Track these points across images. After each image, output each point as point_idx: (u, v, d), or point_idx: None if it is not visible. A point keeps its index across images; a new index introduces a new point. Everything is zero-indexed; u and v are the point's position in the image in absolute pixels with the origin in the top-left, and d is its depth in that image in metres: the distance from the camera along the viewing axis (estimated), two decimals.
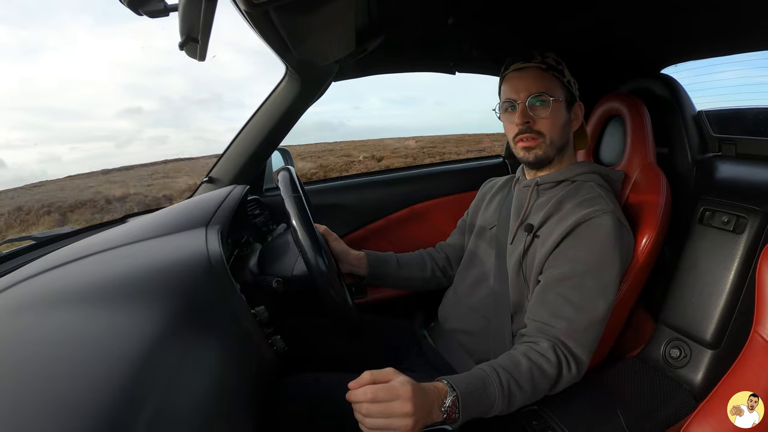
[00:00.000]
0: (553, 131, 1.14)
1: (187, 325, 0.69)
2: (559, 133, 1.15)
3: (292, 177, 1.12)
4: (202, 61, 0.90)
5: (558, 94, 1.13)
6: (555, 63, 1.14)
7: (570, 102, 1.17)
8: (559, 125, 1.15)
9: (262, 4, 0.67)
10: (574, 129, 1.20)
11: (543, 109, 1.12)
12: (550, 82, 1.13)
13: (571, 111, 1.18)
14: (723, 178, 1.29)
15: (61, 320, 0.65)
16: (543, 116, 1.13)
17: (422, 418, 0.81)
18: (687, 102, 1.46)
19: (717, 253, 1.18)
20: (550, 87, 1.13)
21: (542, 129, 1.14)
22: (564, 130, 1.16)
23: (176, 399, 0.57)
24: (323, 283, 0.99)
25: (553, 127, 1.14)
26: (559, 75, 1.14)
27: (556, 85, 1.13)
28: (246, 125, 1.56)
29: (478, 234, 1.34)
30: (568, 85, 1.15)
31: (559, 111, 1.14)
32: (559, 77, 1.14)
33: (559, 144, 1.16)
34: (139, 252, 0.87)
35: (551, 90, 1.13)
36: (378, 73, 1.75)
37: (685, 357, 1.20)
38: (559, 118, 1.14)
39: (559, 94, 1.13)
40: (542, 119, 1.13)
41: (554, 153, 1.17)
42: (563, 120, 1.15)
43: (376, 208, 1.90)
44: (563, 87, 1.15)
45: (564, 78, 1.14)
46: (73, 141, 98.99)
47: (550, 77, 1.13)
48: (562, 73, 1.15)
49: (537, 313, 1.04)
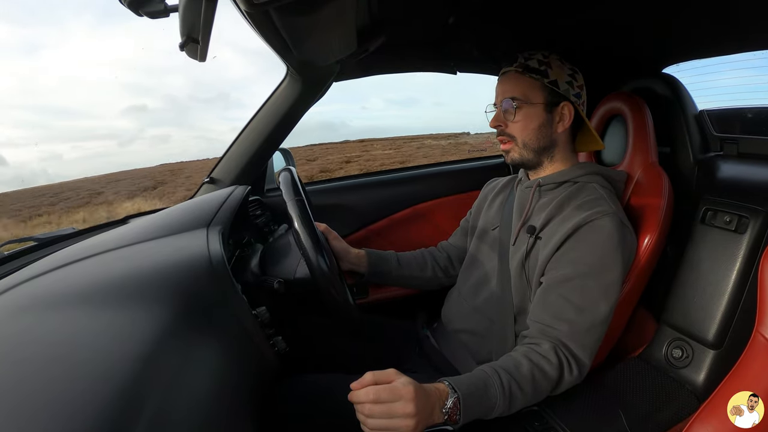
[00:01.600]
0: (524, 134, 1.15)
1: (188, 326, 0.69)
2: (533, 135, 1.15)
3: (294, 178, 1.12)
4: (202, 62, 0.90)
5: (533, 97, 1.13)
6: (537, 65, 1.13)
7: (552, 103, 1.15)
8: (532, 128, 1.15)
9: (263, 4, 0.67)
10: (560, 130, 1.17)
11: (512, 113, 1.15)
12: (526, 85, 1.14)
13: (554, 112, 1.16)
14: (725, 177, 1.29)
15: (63, 321, 0.65)
16: (512, 120, 1.16)
17: (424, 419, 0.81)
18: (689, 101, 1.46)
19: (719, 253, 1.18)
20: (524, 90, 1.14)
21: (513, 132, 1.17)
22: (541, 132, 1.16)
23: (177, 400, 0.57)
24: (325, 284, 0.99)
25: (525, 130, 1.15)
26: (538, 77, 1.13)
27: (531, 88, 1.14)
28: (247, 126, 1.56)
29: (481, 235, 1.34)
30: (551, 85, 1.14)
31: (531, 114, 1.14)
32: (538, 79, 1.13)
33: (535, 146, 1.17)
34: (141, 253, 0.87)
35: (525, 93, 1.14)
36: (379, 73, 1.75)
37: (687, 357, 1.19)
38: (531, 120, 1.15)
39: (534, 97, 1.13)
40: (513, 123, 1.16)
41: (533, 155, 1.18)
42: (538, 122, 1.15)
43: (378, 209, 1.90)
44: (542, 88, 1.14)
45: (546, 79, 1.13)
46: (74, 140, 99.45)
47: (525, 80, 1.14)
48: (545, 74, 1.13)
49: (539, 314, 1.04)
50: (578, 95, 1.17)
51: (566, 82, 1.15)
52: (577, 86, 1.17)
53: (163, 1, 0.69)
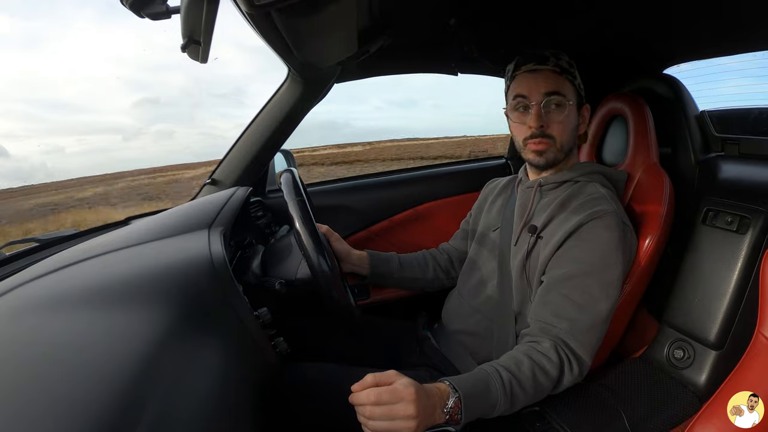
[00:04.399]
0: (564, 135, 1.14)
1: (189, 327, 0.69)
2: (569, 136, 1.15)
3: (295, 179, 1.12)
4: (204, 63, 0.91)
5: (570, 97, 1.13)
6: (568, 66, 1.14)
7: (579, 105, 1.17)
8: (570, 129, 1.15)
9: (264, 5, 0.68)
10: (581, 132, 1.20)
11: (558, 113, 1.12)
12: (564, 85, 1.12)
13: (580, 114, 1.18)
14: (726, 178, 1.29)
15: (65, 323, 0.65)
16: (557, 120, 1.12)
17: (425, 420, 0.81)
18: (690, 102, 1.46)
19: (720, 253, 1.18)
20: (564, 89, 1.12)
21: (554, 132, 1.13)
22: (574, 133, 1.17)
23: (178, 401, 0.57)
24: (326, 285, 0.99)
25: (565, 130, 1.14)
26: (571, 78, 1.14)
27: (569, 89, 1.13)
28: (248, 127, 1.56)
29: (482, 236, 1.34)
30: (579, 88, 1.15)
31: (570, 115, 1.13)
32: (572, 80, 1.14)
33: (567, 147, 1.16)
34: (142, 254, 0.87)
35: (566, 93, 1.12)
36: (380, 75, 1.75)
37: (689, 358, 1.19)
38: (571, 121, 1.14)
39: (571, 97, 1.13)
40: (556, 123, 1.12)
41: (563, 156, 1.17)
42: (574, 123, 1.15)
43: (379, 210, 1.90)
44: (575, 90, 1.14)
45: (576, 81, 1.14)
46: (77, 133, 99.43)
47: (562, 80, 1.12)
48: (575, 76, 1.14)
49: (539, 313, 1.04)
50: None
51: (581, 85, 1.17)
52: (583, 89, 1.18)
53: (165, 2, 0.70)
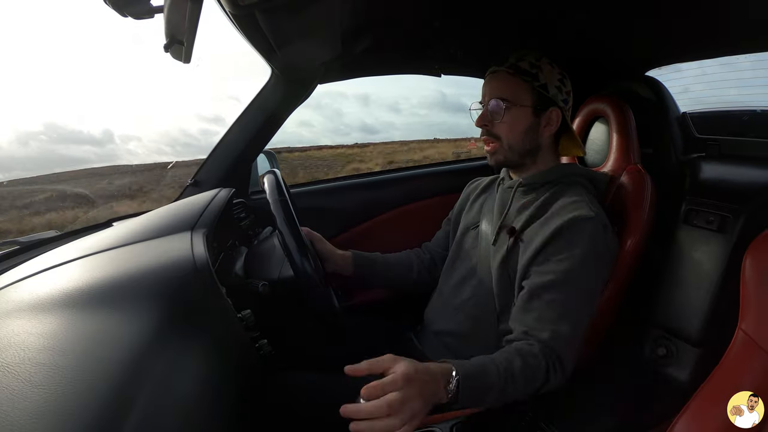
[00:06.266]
0: (510, 136, 1.15)
1: (172, 330, 0.68)
2: (519, 138, 1.15)
3: (278, 180, 1.12)
4: (187, 64, 0.90)
5: (522, 99, 1.13)
6: (528, 67, 1.13)
7: (540, 107, 1.15)
8: (519, 130, 1.15)
9: (248, 6, 0.67)
10: (546, 134, 1.18)
11: (499, 114, 1.14)
12: (516, 86, 1.13)
13: (542, 116, 1.16)
14: (707, 178, 1.31)
15: (47, 325, 0.65)
16: (499, 120, 1.15)
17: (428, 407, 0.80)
18: (671, 103, 1.48)
19: (702, 252, 1.19)
20: (514, 92, 1.13)
21: (499, 133, 1.16)
22: (528, 135, 1.16)
23: (162, 403, 0.57)
24: (308, 285, 0.98)
25: (511, 132, 1.15)
26: (529, 79, 1.13)
27: (522, 90, 1.13)
28: (231, 127, 1.55)
29: (462, 234, 1.34)
30: (541, 89, 1.13)
31: (519, 116, 1.14)
32: (529, 81, 1.13)
33: (520, 149, 1.16)
34: (125, 256, 0.86)
35: (515, 95, 1.13)
36: (364, 76, 1.75)
37: (672, 355, 1.20)
38: (519, 123, 1.14)
39: (523, 99, 1.13)
40: (499, 123, 1.15)
41: (517, 158, 1.18)
42: (525, 125, 1.15)
43: (363, 211, 1.90)
44: (532, 91, 1.13)
45: (536, 82, 1.13)
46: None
47: (516, 81, 1.13)
48: (536, 77, 1.13)
49: (522, 319, 1.03)
50: (566, 101, 1.18)
51: (555, 87, 1.15)
52: (565, 92, 1.17)
53: (148, 1, 0.69)
